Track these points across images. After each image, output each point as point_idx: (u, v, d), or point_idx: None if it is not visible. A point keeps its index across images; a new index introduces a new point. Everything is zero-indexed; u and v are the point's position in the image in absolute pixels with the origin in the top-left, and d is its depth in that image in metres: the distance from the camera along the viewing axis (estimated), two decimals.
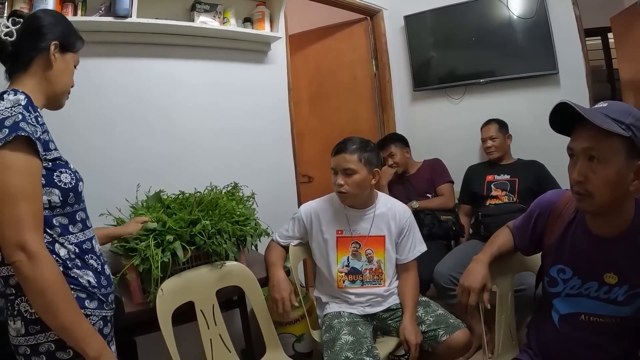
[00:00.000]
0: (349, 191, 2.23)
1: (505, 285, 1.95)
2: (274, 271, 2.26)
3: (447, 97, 4.09)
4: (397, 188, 3.65)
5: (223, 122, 3.04)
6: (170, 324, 1.95)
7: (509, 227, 1.87)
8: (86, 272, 1.36)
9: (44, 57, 1.39)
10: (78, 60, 1.55)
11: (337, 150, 2.26)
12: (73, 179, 1.36)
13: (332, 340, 2.08)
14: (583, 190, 1.36)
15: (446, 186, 3.55)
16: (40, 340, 1.26)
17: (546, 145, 3.06)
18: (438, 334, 2.13)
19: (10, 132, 1.17)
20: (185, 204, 2.24)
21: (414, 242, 2.39)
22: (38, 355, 1.26)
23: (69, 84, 1.51)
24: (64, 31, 1.45)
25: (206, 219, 2.09)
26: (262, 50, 3.25)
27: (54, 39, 1.39)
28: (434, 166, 3.65)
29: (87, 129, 2.49)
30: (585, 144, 1.33)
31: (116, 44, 2.60)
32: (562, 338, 1.61)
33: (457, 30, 3.93)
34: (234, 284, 2.20)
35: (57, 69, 1.42)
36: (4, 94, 1.26)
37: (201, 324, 2.10)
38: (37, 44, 1.37)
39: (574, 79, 3.55)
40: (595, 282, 1.50)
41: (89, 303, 1.34)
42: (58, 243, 1.31)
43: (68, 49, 1.47)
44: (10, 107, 1.22)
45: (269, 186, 3.13)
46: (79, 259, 1.35)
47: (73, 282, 1.30)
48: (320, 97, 4.60)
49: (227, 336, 2.18)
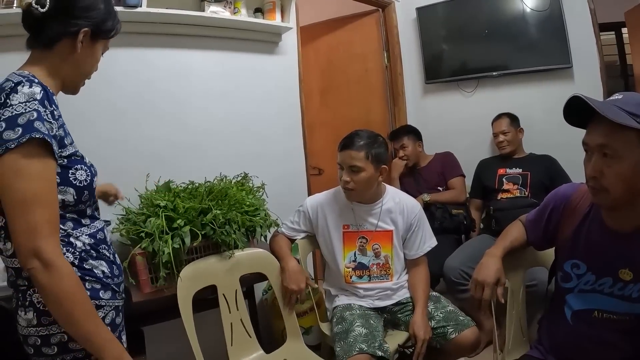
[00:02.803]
0: (355, 188, 2.20)
1: (517, 280, 1.93)
2: (288, 261, 2.24)
3: (459, 90, 4.05)
4: (407, 181, 3.64)
5: (233, 112, 3.04)
6: (190, 308, 1.96)
7: (522, 221, 1.84)
8: (100, 262, 1.33)
9: (70, 41, 1.26)
10: (107, 47, 1.43)
11: (343, 146, 2.22)
12: (88, 175, 1.30)
13: (345, 332, 2.07)
14: (598, 186, 1.34)
15: (457, 180, 3.53)
16: (53, 331, 1.23)
17: (559, 139, 3.04)
18: (447, 332, 2.11)
19: (24, 132, 1.09)
20: (195, 194, 2.23)
21: (423, 237, 2.36)
22: (49, 346, 1.24)
23: (91, 71, 1.41)
24: (101, 16, 1.31)
25: (217, 209, 2.08)
26: (273, 41, 3.23)
27: (86, 25, 1.27)
28: (445, 160, 3.63)
29: (98, 118, 2.49)
30: (599, 140, 1.31)
31: (127, 34, 2.57)
32: (574, 335, 1.58)
33: (470, 22, 3.88)
34: (258, 270, 2.23)
35: (81, 55, 1.30)
36: (17, 85, 1.15)
37: (223, 308, 2.11)
38: (66, 25, 1.25)
39: (587, 74, 3.50)
40: (609, 278, 1.48)
41: (103, 294, 1.31)
42: (73, 237, 1.27)
43: (100, 37, 1.34)
44: (24, 102, 1.13)
45: (279, 177, 3.13)
46: (93, 249, 1.32)
47: (89, 273, 1.28)
48: (331, 89, 4.58)
49: (248, 321, 2.19)
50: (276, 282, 2.25)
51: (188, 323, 1.93)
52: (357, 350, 1.93)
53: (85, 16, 1.27)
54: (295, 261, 2.26)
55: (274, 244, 2.37)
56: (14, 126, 1.10)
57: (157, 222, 1.96)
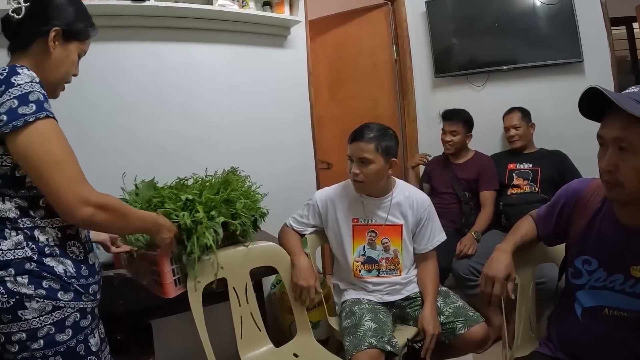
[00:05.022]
0: (365, 180, 2.19)
1: (527, 276, 1.91)
2: (298, 257, 2.24)
3: (469, 84, 4.02)
4: (441, 172, 3.55)
5: (242, 105, 3.05)
6: (200, 302, 1.95)
7: (532, 216, 1.82)
8: (63, 260, 1.31)
9: (43, 42, 1.33)
10: (85, 50, 1.48)
11: (353, 138, 2.21)
12: None
13: (355, 326, 2.06)
14: (613, 180, 1.31)
15: (490, 194, 3.35)
16: (13, 330, 1.22)
17: (569, 133, 3.02)
18: (456, 327, 2.11)
19: (37, 110, 1.18)
20: (201, 188, 2.20)
21: (433, 232, 2.35)
22: (12, 344, 1.23)
23: (67, 74, 1.44)
24: (72, 17, 1.38)
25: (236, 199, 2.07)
26: (281, 35, 3.23)
27: (57, 25, 1.34)
28: (484, 167, 3.43)
29: (107, 111, 2.51)
30: (615, 133, 1.28)
31: (135, 28, 2.60)
32: (584, 332, 1.56)
33: (480, 16, 3.84)
34: (268, 264, 2.23)
35: (55, 57, 1.36)
36: (15, 68, 1.22)
37: (233, 302, 2.10)
38: (38, 26, 1.32)
39: (598, 68, 3.46)
40: (621, 275, 1.46)
41: (62, 295, 1.28)
42: (38, 228, 1.28)
43: (72, 37, 1.40)
44: (30, 82, 1.21)
45: (287, 170, 3.15)
46: (58, 246, 1.31)
47: (47, 270, 1.26)
48: (339, 83, 4.57)
49: (258, 315, 2.19)
50: (287, 276, 2.25)
51: (198, 317, 1.93)
52: (367, 345, 1.93)
53: (57, 15, 1.35)
54: (306, 257, 2.25)
55: (284, 238, 2.36)
56: (27, 103, 1.18)
57: (188, 216, 1.85)
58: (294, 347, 2.23)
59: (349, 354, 1.95)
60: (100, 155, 2.44)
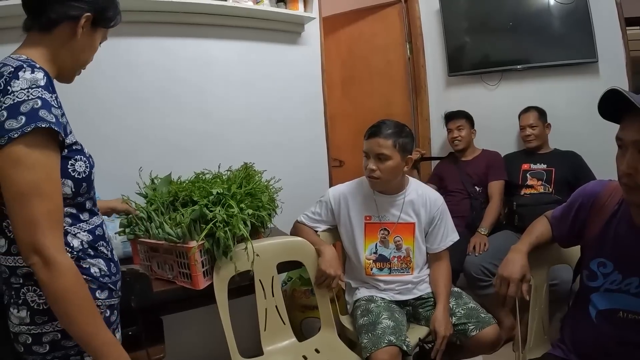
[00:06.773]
0: (381, 177, 2.19)
1: (541, 277, 1.90)
2: (325, 247, 2.27)
3: (483, 83, 3.99)
4: (450, 169, 3.58)
5: (255, 102, 3.05)
6: (225, 294, 1.98)
7: (547, 217, 1.81)
8: (98, 260, 1.30)
9: (70, 26, 1.22)
10: (106, 37, 1.39)
11: (370, 134, 2.20)
12: (87, 167, 1.25)
13: (373, 324, 2.06)
14: (632, 183, 1.30)
15: (498, 184, 3.37)
16: (46, 330, 1.20)
17: (584, 133, 3.00)
18: (468, 329, 2.10)
19: (27, 121, 1.05)
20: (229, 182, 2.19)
21: (446, 231, 2.34)
22: (41, 345, 1.21)
23: (87, 61, 1.35)
24: (103, 3, 1.29)
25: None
26: (295, 31, 3.22)
27: (89, 10, 1.23)
28: (492, 159, 3.49)
29: (120, 108, 2.51)
30: (635, 136, 1.27)
31: (149, 24, 2.61)
32: (598, 335, 1.55)
33: (494, 14, 3.81)
34: (295, 258, 2.25)
35: (81, 43, 1.26)
36: (18, 71, 1.10)
37: (258, 294, 2.13)
38: (68, 8, 1.21)
39: (613, 68, 3.43)
40: (636, 277, 1.45)
41: (99, 294, 1.28)
42: (70, 235, 1.23)
43: (100, 24, 1.31)
44: (27, 89, 1.08)
45: (300, 166, 3.16)
46: (91, 247, 1.29)
47: (85, 272, 1.23)
48: (352, 81, 4.56)
49: (283, 308, 2.22)
50: (313, 270, 2.27)
51: (223, 309, 1.96)
52: (386, 342, 1.92)
53: (88, 1, 1.24)
54: (332, 247, 2.28)
55: (300, 233, 2.37)
56: (16, 115, 1.05)
57: (222, 210, 1.89)
58: (316, 343, 2.25)
59: (367, 351, 1.94)
60: (111, 152, 2.44)
